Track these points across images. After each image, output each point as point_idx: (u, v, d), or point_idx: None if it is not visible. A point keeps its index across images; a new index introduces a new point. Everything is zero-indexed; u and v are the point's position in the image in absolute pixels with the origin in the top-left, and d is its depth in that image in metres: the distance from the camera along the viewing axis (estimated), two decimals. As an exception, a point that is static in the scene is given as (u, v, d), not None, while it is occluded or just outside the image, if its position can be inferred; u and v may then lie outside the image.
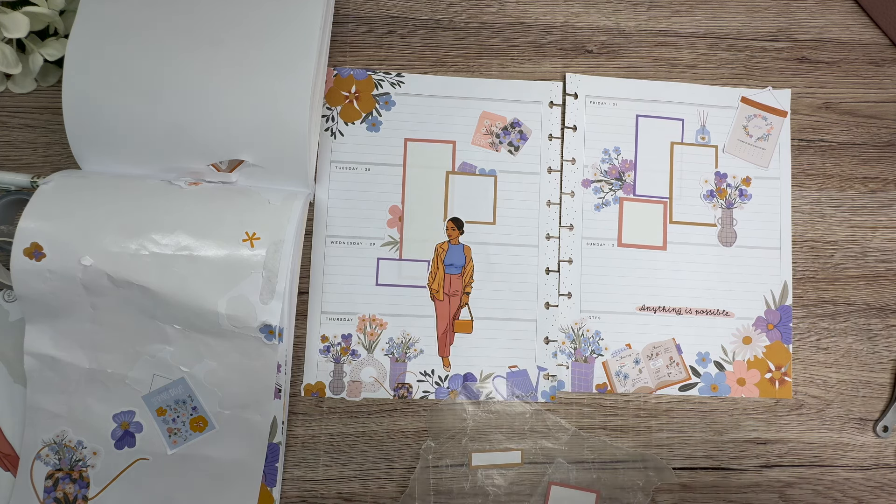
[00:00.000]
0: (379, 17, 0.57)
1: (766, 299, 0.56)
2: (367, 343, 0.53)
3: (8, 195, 0.50)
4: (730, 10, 0.59)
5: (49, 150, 0.53)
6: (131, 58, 0.47)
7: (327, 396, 0.52)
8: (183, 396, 0.49)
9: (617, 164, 0.57)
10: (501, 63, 0.57)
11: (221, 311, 0.45)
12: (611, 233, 0.56)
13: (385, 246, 0.54)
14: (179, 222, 0.46)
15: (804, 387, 0.55)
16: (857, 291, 0.56)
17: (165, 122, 0.47)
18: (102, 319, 0.47)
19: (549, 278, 0.55)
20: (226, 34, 0.48)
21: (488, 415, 0.53)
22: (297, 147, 0.48)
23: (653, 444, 0.53)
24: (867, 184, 0.58)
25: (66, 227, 0.45)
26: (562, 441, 0.53)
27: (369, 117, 0.56)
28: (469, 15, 0.58)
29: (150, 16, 0.48)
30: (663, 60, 0.58)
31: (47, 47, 0.51)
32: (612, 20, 0.58)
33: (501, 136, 0.56)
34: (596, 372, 0.54)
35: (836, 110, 0.59)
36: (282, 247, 0.46)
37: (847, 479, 0.54)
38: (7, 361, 0.50)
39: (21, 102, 0.54)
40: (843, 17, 0.60)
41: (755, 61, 0.59)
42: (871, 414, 0.55)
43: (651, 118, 0.57)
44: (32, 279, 0.44)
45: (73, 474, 0.48)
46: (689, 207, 0.57)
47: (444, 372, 0.53)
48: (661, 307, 0.55)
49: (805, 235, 0.57)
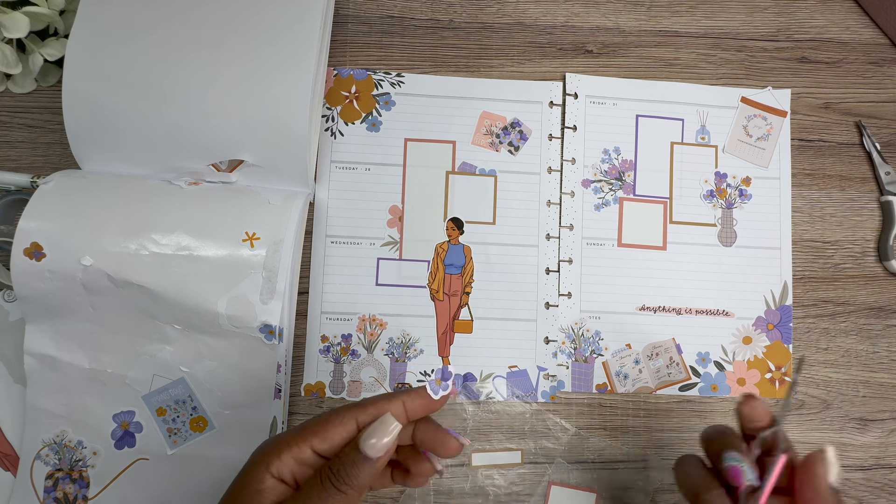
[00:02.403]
0: (379, 17, 0.57)
1: (766, 299, 0.56)
2: (367, 343, 0.53)
3: (8, 195, 0.50)
4: (730, 10, 0.59)
5: (49, 150, 0.53)
6: (131, 58, 0.47)
7: (327, 396, 0.52)
8: (183, 396, 0.49)
9: (617, 164, 0.57)
10: (501, 63, 0.57)
11: (221, 311, 0.45)
12: (611, 233, 0.56)
13: (385, 246, 0.54)
14: (179, 222, 0.46)
15: (804, 387, 0.55)
16: (857, 291, 0.56)
17: (165, 121, 0.47)
18: (102, 319, 0.47)
19: (549, 278, 0.55)
20: (226, 34, 0.48)
21: (488, 415, 0.53)
22: (297, 147, 0.48)
23: (653, 444, 0.53)
24: (867, 184, 0.58)
25: (66, 227, 0.45)
26: (562, 441, 0.53)
27: (369, 117, 0.56)
28: (469, 15, 0.58)
29: (151, 16, 0.48)
30: (663, 60, 0.58)
31: (47, 47, 0.51)
32: (612, 20, 0.58)
33: (501, 136, 0.56)
34: (596, 372, 0.54)
35: (836, 110, 0.59)
36: (282, 247, 0.46)
37: (847, 479, 0.54)
38: (7, 361, 0.50)
39: (21, 102, 0.54)
40: (843, 17, 0.60)
41: (755, 61, 0.59)
42: (871, 414, 0.55)
43: (651, 118, 0.57)
44: (32, 279, 0.44)
45: (73, 474, 0.48)
46: (689, 207, 0.57)
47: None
48: (661, 307, 0.55)
49: (805, 235, 0.57)
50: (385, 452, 0.32)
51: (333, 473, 0.31)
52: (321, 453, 0.33)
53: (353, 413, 0.34)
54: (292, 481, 0.33)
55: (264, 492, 0.32)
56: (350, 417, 0.33)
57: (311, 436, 0.33)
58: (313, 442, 0.33)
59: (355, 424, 0.33)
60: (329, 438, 0.33)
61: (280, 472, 0.32)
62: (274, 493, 0.32)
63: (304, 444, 0.33)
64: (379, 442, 0.32)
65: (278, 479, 0.32)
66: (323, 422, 0.33)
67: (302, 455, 0.32)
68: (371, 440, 0.32)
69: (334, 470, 0.31)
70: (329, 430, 0.33)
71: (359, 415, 0.34)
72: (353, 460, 0.32)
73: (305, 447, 0.32)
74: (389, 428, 0.33)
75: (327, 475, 0.31)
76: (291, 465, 0.32)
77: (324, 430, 0.33)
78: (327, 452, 0.33)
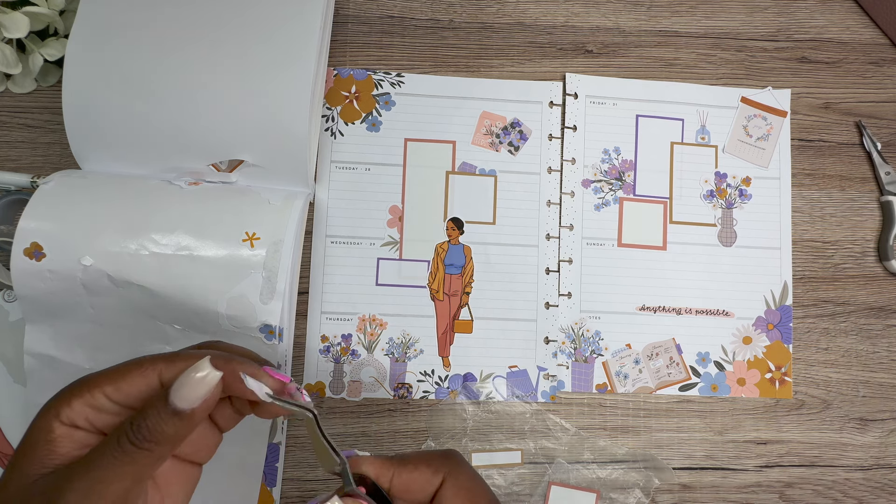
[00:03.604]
0: (379, 17, 0.57)
1: (766, 299, 0.56)
2: (367, 343, 0.53)
3: (8, 195, 0.50)
4: (730, 10, 0.59)
5: (49, 150, 0.53)
6: (131, 58, 0.47)
7: (327, 396, 0.52)
8: (183, 396, 0.49)
9: (617, 164, 0.57)
10: (501, 63, 0.57)
11: (221, 311, 0.45)
12: (611, 233, 0.56)
13: (385, 246, 0.54)
14: (179, 222, 0.46)
15: (804, 387, 0.55)
16: (857, 291, 0.56)
17: (165, 121, 0.47)
18: (102, 319, 0.47)
19: (549, 278, 0.55)
20: (226, 34, 0.48)
21: (488, 415, 0.53)
22: (297, 147, 0.48)
23: (653, 444, 0.53)
24: (867, 184, 0.58)
25: (66, 227, 0.45)
26: (562, 441, 0.53)
27: (369, 117, 0.56)
28: (469, 15, 0.58)
29: (151, 16, 0.48)
30: (663, 60, 0.58)
31: (47, 47, 0.51)
32: (612, 20, 0.58)
33: (501, 136, 0.56)
34: (596, 372, 0.54)
35: (836, 110, 0.59)
36: (282, 247, 0.46)
37: (847, 479, 0.54)
38: (7, 361, 0.50)
39: (21, 102, 0.54)
40: (843, 17, 0.60)
41: (755, 61, 0.59)
42: (871, 414, 0.55)
43: (651, 118, 0.57)
44: (32, 279, 0.44)
45: (72, 474, 0.48)
46: (689, 207, 0.56)
47: (444, 372, 0.53)
48: (661, 307, 0.55)
49: (805, 235, 0.57)
50: (201, 403, 0.28)
51: (133, 430, 0.27)
52: (117, 402, 0.29)
53: (158, 365, 0.29)
54: (91, 427, 0.28)
55: (54, 442, 0.27)
56: (153, 370, 0.29)
57: (104, 381, 0.28)
58: (106, 389, 0.28)
59: (158, 379, 0.29)
60: (124, 389, 0.28)
61: (71, 418, 0.28)
62: (69, 441, 0.28)
63: (95, 389, 0.28)
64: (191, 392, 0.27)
65: (71, 426, 0.28)
66: (121, 369, 0.29)
67: (95, 402, 0.28)
68: (181, 389, 0.27)
69: (134, 426, 0.27)
70: (126, 378, 0.29)
71: (165, 369, 0.29)
72: (159, 414, 0.27)
73: (97, 393, 0.28)
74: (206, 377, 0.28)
75: (124, 431, 0.27)
76: (87, 413, 0.28)
77: (119, 378, 0.28)
78: (123, 403, 0.29)
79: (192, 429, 0.28)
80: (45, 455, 0.27)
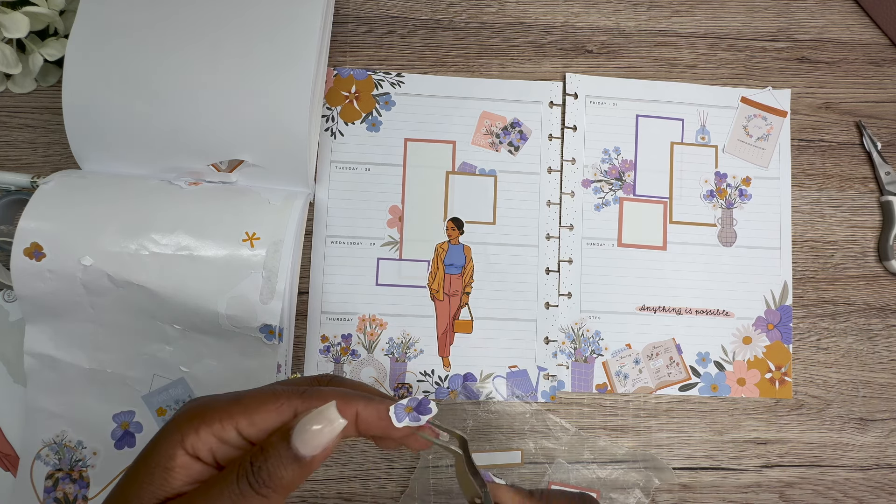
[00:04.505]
0: (379, 17, 0.57)
1: (766, 299, 0.56)
2: (367, 343, 0.53)
3: (8, 195, 0.50)
4: (730, 10, 0.59)
5: (49, 150, 0.53)
6: (131, 58, 0.47)
7: (327, 396, 0.52)
8: (183, 396, 0.49)
9: (617, 164, 0.57)
10: (501, 63, 0.57)
11: (221, 311, 0.45)
12: (611, 233, 0.56)
13: (385, 246, 0.54)
14: (179, 222, 0.46)
15: (804, 387, 0.55)
16: (857, 291, 0.56)
17: (165, 121, 0.47)
18: (102, 319, 0.47)
19: (549, 278, 0.55)
20: (226, 34, 0.48)
21: (488, 415, 0.53)
22: (297, 147, 0.48)
23: (653, 444, 0.53)
24: (867, 184, 0.58)
25: (66, 227, 0.45)
26: (562, 441, 0.53)
27: (369, 117, 0.56)
28: (469, 15, 0.58)
29: (150, 16, 0.48)
30: (663, 60, 0.58)
31: (47, 47, 0.51)
32: (612, 20, 0.58)
33: (501, 136, 0.56)
34: (596, 372, 0.54)
35: (836, 110, 0.59)
36: (282, 247, 0.46)
37: (847, 479, 0.54)
38: (7, 361, 0.50)
39: (21, 102, 0.54)
40: (843, 17, 0.60)
41: (755, 61, 0.59)
42: (871, 414, 0.55)
43: (651, 118, 0.57)
44: (32, 279, 0.44)
45: (73, 474, 0.48)
46: (689, 207, 0.56)
47: (444, 372, 0.53)
48: (661, 307, 0.55)
49: (805, 235, 0.57)
50: (321, 451, 0.26)
51: (253, 472, 0.25)
52: (248, 438, 0.27)
53: (294, 402, 0.28)
54: (211, 460, 0.27)
55: (173, 470, 0.26)
56: (289, 406, 0.27)
57: (237, 413, 0.27)
58: (240, 422, 0.27)
59: (293, 417, 0.27)
60: (259, 423, 0.27)
61: (196, 448, 0.26)
62: (185, 473, 0.26)
63: (228, 422, 0.27)
64: (315, 439, 0.26)
65: (193, 456, 0.26)
66: (258, 402, 0.27)
67: (225, 435, 0.27)
68: (305, 434, 0.26)
69: (255, 467, 0.25)
70: (261, 412, 0.27)
71: (301, 407, 0.28)
72: (280, 458, 0.26)
73: (230, 427, 0.27)
74: (331, 424, 0.26)
75: (245, 473, 0.25)
76: (211, 443, 0.27)
77: (254, 411, 0.27)
78: (254, 438, 0.27)
79: (306, 476, 0.27)
80: (160, 485, 0.26)
